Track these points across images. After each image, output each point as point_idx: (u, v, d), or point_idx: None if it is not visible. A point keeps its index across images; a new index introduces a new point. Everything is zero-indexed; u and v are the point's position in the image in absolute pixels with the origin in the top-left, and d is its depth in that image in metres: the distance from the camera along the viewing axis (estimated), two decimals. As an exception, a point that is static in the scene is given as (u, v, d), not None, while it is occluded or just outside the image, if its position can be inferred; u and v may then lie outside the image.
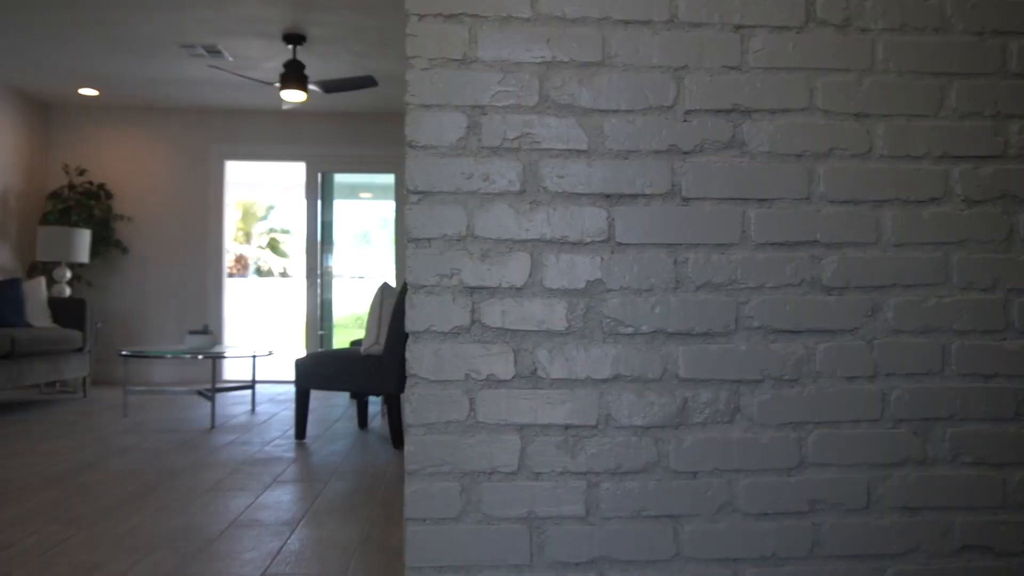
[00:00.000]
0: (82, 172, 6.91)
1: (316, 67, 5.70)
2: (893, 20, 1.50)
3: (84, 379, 5.99)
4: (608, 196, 1.46)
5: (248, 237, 20.61)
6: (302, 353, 7.81)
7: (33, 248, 6.74)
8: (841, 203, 1.49)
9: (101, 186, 6.92)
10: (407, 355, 1.43)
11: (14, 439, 4.26)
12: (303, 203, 7.36)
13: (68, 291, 6.36)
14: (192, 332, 5.05)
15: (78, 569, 2.22)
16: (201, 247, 7.18)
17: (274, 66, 5.80)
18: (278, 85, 5.30)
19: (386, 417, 5.14)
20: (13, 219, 6.57)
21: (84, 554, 2.36)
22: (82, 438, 4.30)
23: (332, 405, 5.75)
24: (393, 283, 7.28)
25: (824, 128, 1.49)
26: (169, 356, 4.79)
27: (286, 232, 21.11)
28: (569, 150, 1.45)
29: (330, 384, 4.25)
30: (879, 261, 1.49)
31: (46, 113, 7.03)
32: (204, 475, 3.43)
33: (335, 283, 7.45)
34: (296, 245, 21.19)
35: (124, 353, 4.91)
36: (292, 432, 4.58)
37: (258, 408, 5.62)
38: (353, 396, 6.08)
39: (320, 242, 7.24)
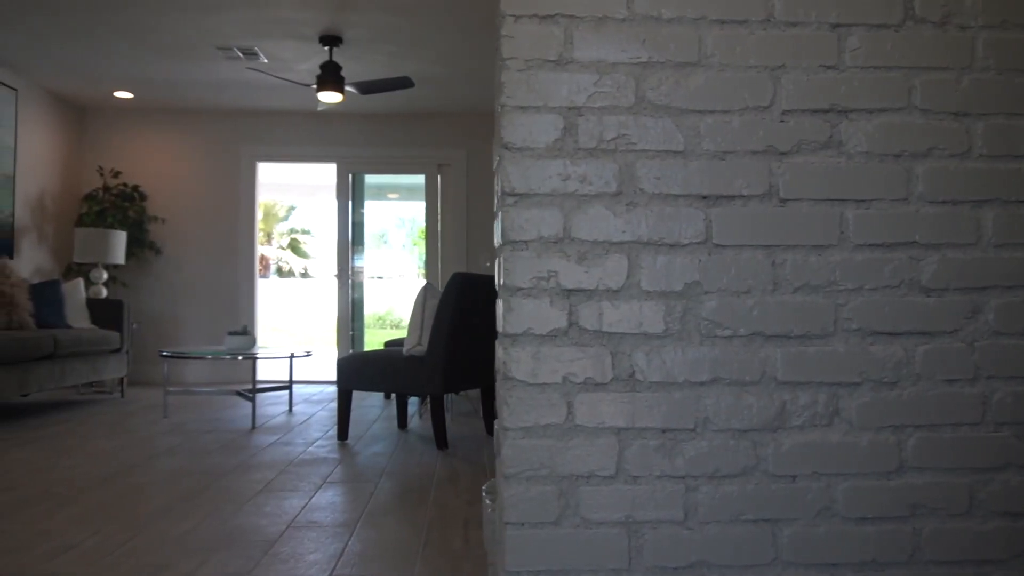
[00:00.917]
0: (117, 174, 6.97)
1: (350, 68, 5.71)
2: (993, 17, 1.48)
3: (122, 379, 6.03)
4: (705, 197, 1.44)
5: (269, 238, 20.72)
6: (332, 353, 7.83)
7: (69, 249, 6.80)
8: (940, 203, 1.47)
9: (135, 188, 6.98)
10: (504, 358, 1.42)
11: (61, 439, 4.29)
12: (325, 204, 7.38)
13: (104, 292, 6.41)
14: (231, 333, 5.07)
15: (145, 570, 2.23)
16: (232, 248, 7.22)
17: (308, 68, 5.82)
18: (315, 87, 5.31)
19: (424, 417, 5.15)
20: (50, 221, 6.63)
21: (148, 555, 2.37)
22: (126, 438, 4.33)
23: (368, 406, 5.76)
24: (419, 284, 7.27)
25: (923, 127, 1.47)
26: (210, 357, 4.82)
27: (307, 233, 21.20)
28: (665, 151, 1.44)
29: (372, 385, 4.26)
30: (979, 262, 1.47)
31: (81, 116, 7.09)
32: (253, 476, 3.44)
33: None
34: (317, 246, 21.30)
35: (165, 353, 4.93)
36: (333, 432, 4.59)
37: (294, 408, 5.64)
38: (387, 396, 6.10)
39: (351, 243, 7.25)
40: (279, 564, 2.31)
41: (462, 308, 4.10)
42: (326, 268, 21.44)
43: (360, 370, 4.24)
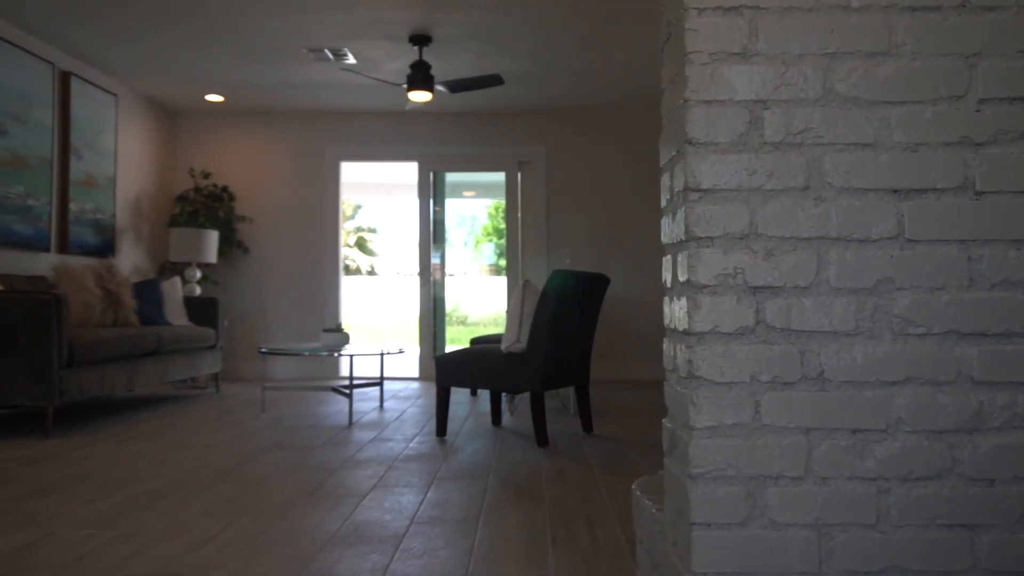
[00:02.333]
0: (207, 175, 7.16)
1: (438, 67, 5.75)
2: None
3: (216, 375, 6.20)
4: (896, 191, 1.40)
5: (336, 236, 21.11)
6: (415, 350, 7.91)
7: (163, 249, 7.02)
8: None
9: (224, 188, 7.16)
10: (689, 356, 1.40)
11: (171, 433, 4.43)
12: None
13: (198, 290, 6.60)
14: (326, 330, 5.16)
15: (289, 563, 2.28)
16: (317, 246, 7.35)
17: (395, 67, 5.88)
18: (405, 86, 5.37)
19: (515, 415, 5.16)
20: (145, 222, 6.85)
21: (286, 547, 2.42)
22: (230, 433, 4.44)
23: (455, 402, 5.79)
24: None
25: None
26: (307, 354, 4.91)
27: (372, 231, 21.51)
28: (854, 144, 1.40)
29: (471, 382, 4.28)
30: None
31: (173, 119, 7.31)
32: (364, 471, 3.50)
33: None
34: (383, 244, 21.62)
35: (263, 350, 5.05)
36: (428, 429, 4.64)
37: (384, 404, 5.72)
38: (474, 393, 6.13)
39: (432, 241, 7.32)
40: (414, 559, 2.33)
41: (562, 305, 4.09)
42: (392, 266, 21.74)
43: (459, 367, 4.27)
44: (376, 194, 14.60)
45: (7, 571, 2.18)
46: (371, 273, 21.42)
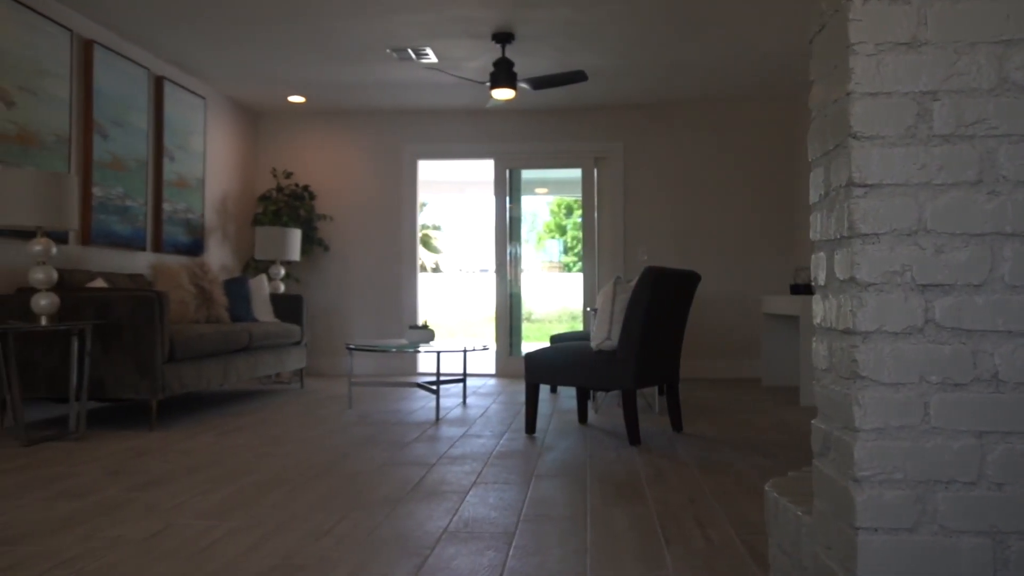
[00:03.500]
0: (288, 175, 7.32)
1: (520, 64, 5.75)
2: None
3: (301, 371, 6.34)
4: (1077, 184, 1.33)
5: (401, 234, 21.34)
6: (492, 346, 7.95)
7: (247, 247, 7.20)
8: None
9: (305, 188, 7.30)
10: (854, 356, 1.36)
11: (266, 427, 4.54)
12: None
13: (282, 287, 6.75)
14: (412, 327, 5.22)
15: (407, 557, 2.31)
16: (395, 244, 7.44)
17: (477, 65, 5.90)
18: (488, 84, 5.38)
19: (600, 412, 5.13)
20: (231, 221, 7.04)
21: (403, 541, 2.45)
22: (323, 428, 4.52)
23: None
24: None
25: None
26: (395, 350, 4.97)
27: (437, 228, 21.72)
28: (1031, 135, 1.34)
29: (561, 379, 4.28)
30: None
31: (256, 120, 7.49)
32: (461, 467, 3.52)
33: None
34: (447, 241, 21.83)
35: (351, 347, 5.14)
36: (515, 425, 4.65)
37: (467, 401, 5.75)
38: (553, 390, 6.12)
39: (508, 238, 7.33)
40: (528, 556, 2.33)
41: (654, 302, 4.05)
42: (457, 263, 21.93)
43: (549, 364, 4.26)
44: (448, 191, 14.71)
45: (139, 559, 2.26)
46: (435, 270, 21.63)
